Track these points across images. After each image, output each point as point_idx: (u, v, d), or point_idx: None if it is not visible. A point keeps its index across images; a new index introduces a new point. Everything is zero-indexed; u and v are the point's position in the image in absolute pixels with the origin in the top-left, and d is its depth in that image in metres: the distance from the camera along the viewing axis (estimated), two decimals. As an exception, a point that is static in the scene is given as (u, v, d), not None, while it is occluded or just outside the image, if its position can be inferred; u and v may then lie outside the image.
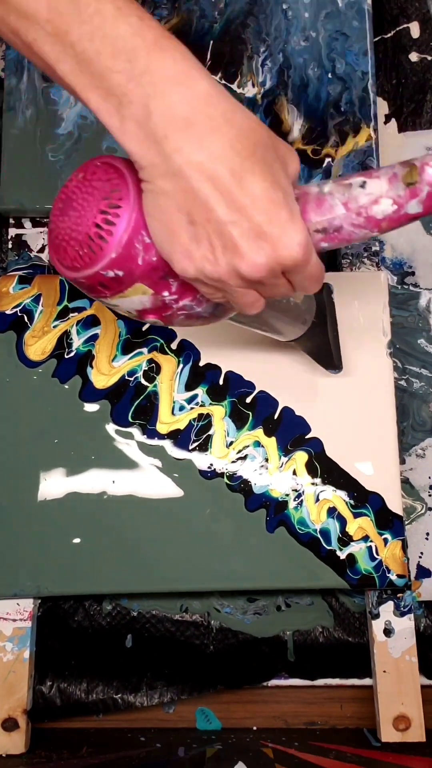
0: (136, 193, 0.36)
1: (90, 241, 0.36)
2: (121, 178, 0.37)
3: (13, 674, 0.56)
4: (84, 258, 0.37)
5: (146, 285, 0.38)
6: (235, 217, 0.35)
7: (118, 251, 0.36)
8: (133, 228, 0.36)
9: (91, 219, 0.36)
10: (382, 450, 0.58)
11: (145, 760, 0.52)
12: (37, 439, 0.58)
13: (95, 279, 0.37)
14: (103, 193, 0.37)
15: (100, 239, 0.36)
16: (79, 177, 0.38)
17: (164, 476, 0.58)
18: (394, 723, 0.56)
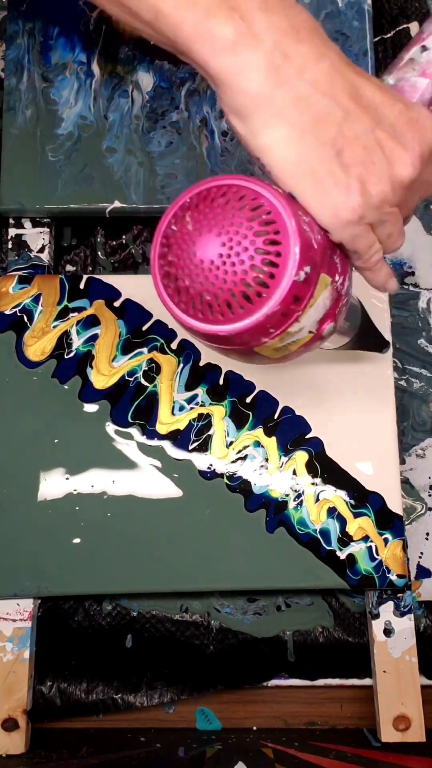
0: (272, 191, 0.33)
1: (264, 267, 0.32)
2: (242, 189, 0.33)
3: (13, 674, 0.56)
4: (270, 284, 0.32)
5: (326, 273, 0.34)
6: (374, 121, 0.34)
7: (298, 244, 0.32)
8: (294, 216, 0.33)
9: (251, 239, 0.32)
10: (382, 450, 0.58)
11: (145, 760, 0.52)
12: (37, 440, 0.58)
13: (289, 296, 0.33)
14: (244, 214, 0.32)
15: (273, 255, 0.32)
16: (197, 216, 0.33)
17: (164, 477, 0.58)
18: (394, 723, 0.56)
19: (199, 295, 0.33)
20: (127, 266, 0.69)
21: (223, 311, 0.33)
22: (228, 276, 0.32)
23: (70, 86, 0.64)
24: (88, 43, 0.65)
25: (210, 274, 0.33)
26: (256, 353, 0.36)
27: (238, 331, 0.33)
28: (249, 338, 0.34)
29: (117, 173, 0.63)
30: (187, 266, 0.33)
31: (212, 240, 0.33)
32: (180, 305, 0.34)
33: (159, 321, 0.60)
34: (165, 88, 0.65)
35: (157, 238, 0.35)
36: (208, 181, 0.34)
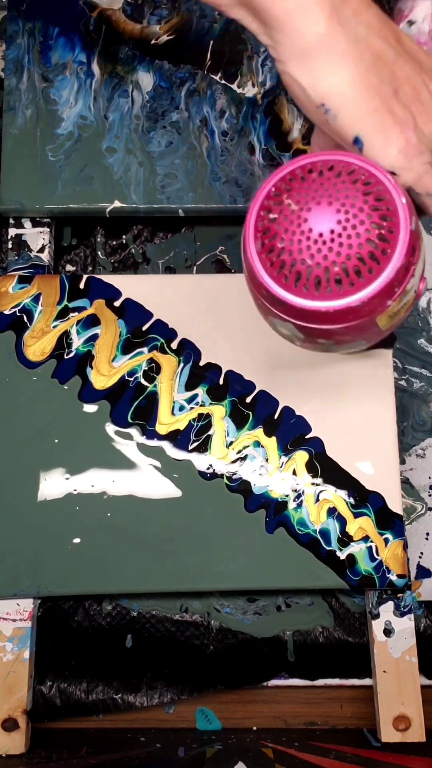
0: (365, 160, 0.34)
1: (375, 245, 0.33)
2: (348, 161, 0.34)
3: (13, 674, 0.57)
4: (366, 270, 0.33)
5: (421, 229, 0.35)
6: (418, 66, 0.37)
7: (401, 192, 0.33)
8: (395, 187, 0.34)
9: (368, 221, 0.33)
10: (382, 450, 0.58)
11: (145, 760, 0.52)
12: (37, 440, 0.58)
13: (408, 248, 0.33)
14: (359, 190, 0.33)
15: (384, 242, 0.32)
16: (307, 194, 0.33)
17: (164, 477, 0.58)
18: (394, 723, 0.56)
19: (308, 268, 0.33)
20: (127, 266, 0.69)
21: (331, 286, 0.33)
22: (343, 249, 0.32)
23: (70, 86, 0.64)
24: (88, 43, 0.65)
25: (324, 247, 0.33)
26: (373, 324, 0.35)
27: (371, 296, 0.33)
28: (377, 303, 0.34)
29: (117, 173, 0.63)
30: (296, 239, 0.33)
31: (328, 213, 0.33)
32: (280, 283, 0.34)
33: (159, 320, 0.60)
34: (165, 87, 0.65)
35: (254, 211, 0.35)
36: (314, 154, 0.35)
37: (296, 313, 0.35)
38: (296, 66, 0.36)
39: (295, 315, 0.35)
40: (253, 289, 0.36)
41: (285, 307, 0.35)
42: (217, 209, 0.63)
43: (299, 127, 0.64)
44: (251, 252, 0.34)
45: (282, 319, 0.36)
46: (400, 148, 0.36)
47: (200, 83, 0.65)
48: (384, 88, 0.36)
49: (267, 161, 0.63)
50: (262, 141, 0.63)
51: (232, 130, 0.64)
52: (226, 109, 0.64)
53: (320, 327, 0.35)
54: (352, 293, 0.33)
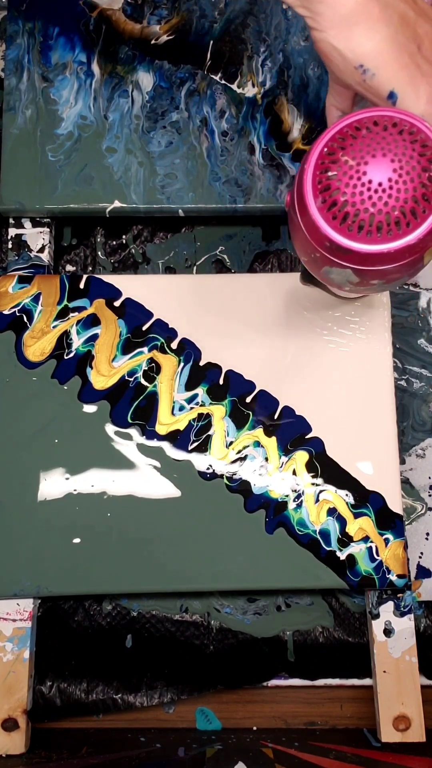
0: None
1: (426, 186, 0.36)
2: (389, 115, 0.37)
3: (13, 674, 0.57)
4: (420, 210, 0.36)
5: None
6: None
7: None
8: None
9: (418, 167, 0.36)
10: (382, 450, 0.58)
11: (145, 760, 0.52)
12: (37, 440, 0.58)
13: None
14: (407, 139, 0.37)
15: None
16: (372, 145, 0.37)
17: (164, 477, 0.58)
18: (394, 723, 0.56)
19: (371, 216, 0.37)
20: (127, 266, 0.69)
21: (392, 229, 0.37)
22: (401, 194, 0.36)
23: (70, 86, 0.64)
24: (88, 42, 0.65)
25: (384, 194, 0.37)
26: (421, 260, 0.39)
27: (426, 232, 0.37)
28: (429, 240, 0.37)
29: (117, 173, 0.63)
30: (358, 192, 0.37)
31: (384, 163, 0.37)
32: (344, 233, 0.37)
33: (159, 320, 0.60)
34: (165, 87, 0.65)
35: (309, 172, 0.38)
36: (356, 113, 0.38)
37: (358, 258, 0.38)
38: (336, 33, 0.40)
39: (356, 261, 0.38)
40: (312, 243, 0.39)
41: (348, 254, 0.38)
42: (217, 209, 0.63)
43: (299, 127, 0.64)
44: (313, 209, 0.38)
45: (341, 267, 0.39)
46: (429, 98, 0.40)
47: (200, 83, 0.65)
48: (410, 46, 0.40)
49: (267, 161, 0.63)
50: (262, 141, 0.64)
51: (232, 130, 0.64)
52: (226, 109, 0.64)
53: (378, 268, 0.39)
54: (409, 233, 0.37)
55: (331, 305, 0.61)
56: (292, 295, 0.61)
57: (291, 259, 0.69)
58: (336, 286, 0.42)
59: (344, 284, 0.41)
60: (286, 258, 0.68)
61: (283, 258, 0.68)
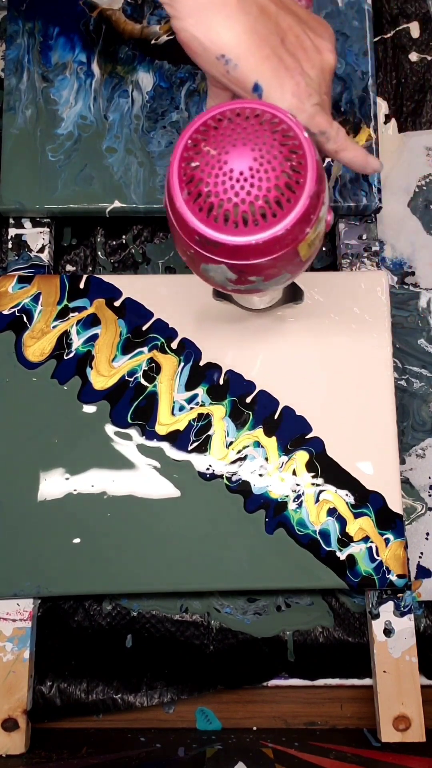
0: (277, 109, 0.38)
1: (289, 176, 0.36)
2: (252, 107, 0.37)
3: (13, 674, 0.56)
4: (285, 200, 0.36)
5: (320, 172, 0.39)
6: (296, 17, 0.42)
7: (308, 144, 0.37)
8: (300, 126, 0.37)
9: (281, 156, 0.36)
10: (382, 450, 0.58)
11: (145, 760, 0.52)
12: (37, 440, 0.58)
13: (317, 176, 0.37)
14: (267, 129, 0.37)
15: (296, 172, 0.36)
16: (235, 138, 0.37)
17: (164, 477, 0.58)
18: (394, 723, 0.56)
19: (234, 206, 0.36)
20: (127, 266, 0.69)
21: (257, 220, 0.36)
22: (263, 183, 0.36)
23: (70, 86, 0.64)
24: (88, 43, 0.65)
25: (246, 183, 0.36)
26: (296, 254, 0.38)
27: (293, 222, 0.36)
28: (298, 231, 0.37)
29: (117, 173, 0.63)
30: (220, 181, 0.36)
31: (245, 152, 0.36)
32: (211, 226, 0.37)
33: (159, 320, 0.60)
34: (165, 87, 0.65)
35: (176, 164, 0.38)
36: (219, 105, 0.38)
37: (228, 252, 0.37)
38: (194, 22, 0.40)
39: (227, 254, 0.38)
40: (184, 239, 0.39)
41: (218, 248, 0.37)
42: (217, 209, 0.63)
43: (299, 127, 0.64)
44: (179, 201, 0.37)
45: (215, 263, 0.39)
46: (293, 91, 0.41)
47: (200, 83, 0.65)
48: (272, 38, 0.41)
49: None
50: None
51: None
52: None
53: (251, 263, 0.38)
54: (276, 223, 0.36)
55: (331, 306, 0.61)
56: (292, 295, 0.61)
57: (291, 259, 0.68)
58: (218, 285, 0.42)
59: (225, 283, 0.41)
60: (286, 258, 0.68)
61: (283, 258, 0.68)
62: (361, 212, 0.64)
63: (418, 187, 0.69)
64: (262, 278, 0.40)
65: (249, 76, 0.41)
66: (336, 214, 0.64)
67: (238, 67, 0.41)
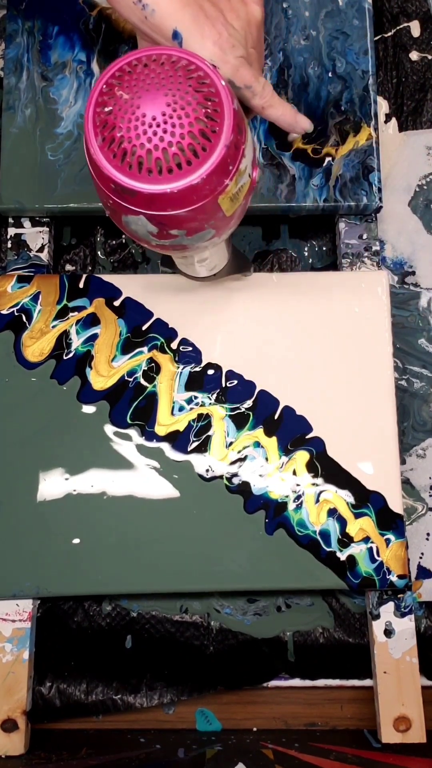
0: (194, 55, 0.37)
1: (205, 124, 0.35)
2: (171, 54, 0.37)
3: (13, 675, 0.56)
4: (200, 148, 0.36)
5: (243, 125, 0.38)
6: None
7: (226, 92, 0.36)
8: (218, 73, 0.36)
9: (194, 102, 0.35)
10: (382, 450, 0.58)
11: (145, 761, 0.52)
12: (37, 440, 0.58)
13: (234, 126, 0.36)
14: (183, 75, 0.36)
15: (212, 120, 0.35)
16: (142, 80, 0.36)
17: (163, 478, 0.57)
18: (394, 724, 0.56)
19: (148, 152, 0.35)
20: (126, 266, 0.68)
21: (171, 167, 0.36)
22: (176, 129, 0.35)
23: (70, 85, 0.64)
24: (88, 41, 0.65)
25: (158, 129, 0.35)
26: (217, 208, 0.38)
27: (209, 171, 0.36)
28: (216, 182, 0.36)
29: (117, 172, 0.63)
30: (132, 126, 0.36)
31: (158, 97, 0.36)
32: (125, 173, 0.36)
33: (159, 320, 0.60)
34: (165, 87, 0.64)
35: (90, 107, 0.37)
36: (138, 51, 0.38)
37: (145, 201, 0.37)
38: None
39: (144, 204, 0.37)
40: (102, 188, 0.38)
41: (134, 196, 0.37)
42: (217, 209, 0.63)
43: (299, 127, 0.64)
44: (94, 148, 0.37)
45: (134, 213, 0.38)
46: (214, 41, 0.40)
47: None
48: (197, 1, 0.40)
49: (267, 160, 0.63)
50: (262, 140, 0.63)
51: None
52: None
53: (169, 214, 0.37)
54: (191, 172, 0.36)
55: (332, 305, 0.61)
56: (292, 295, 0.61)
57: (291, 258, 0.68)
58: (142, 240, 0.41)
59: (148, 237, 0.40)
60: (286, 257, 0.68)
61: (283, 257, 0.68)
62: (361, 211, 0.63)
63: (418, 187, 0.69)
64: (184, 232, 0.39)
65: (167, 23, 0.40)
66: (336, 213, 0.64)
67: (155, 13, 0.40)
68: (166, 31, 0.41)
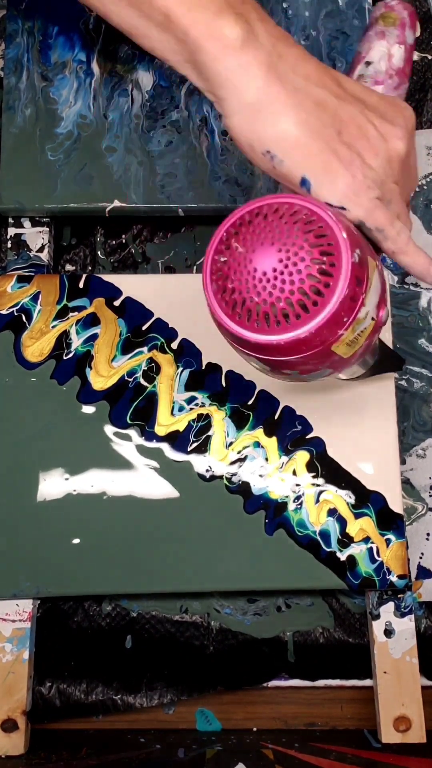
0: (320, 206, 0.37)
1: (317, 277, 0.35)
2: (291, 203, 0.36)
3: (13, 675, 0.56)
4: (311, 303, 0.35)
5: (370, 256, 0.37)
6: (361, 106, 0.40)
7: (341, 228, 0.36)
8: (336, 214, 0.36)
9: (308, 257, 0.35)
10: (382, 450, 0.58)
11: (145, 761, 0.52)
12: (36, 441, 0.58)
13: (352, 280, 0.35)
14: (300, 229, 0.36)
15: (326, 275, 0.35)
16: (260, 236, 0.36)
17: (163, 478, 0.57)
18: (394, 724, 0.56)
19: (256, 305, 0.36)
20: (126, 266, 0.68)
21: (279, 320, 0.36)
22: (286, 285, 0.35)
23: (70, 85, 0.64)
24: (88, 41, 0.65)
25: (268, 284, 0.36)
26: (331, 353, 0.37)
27: (318, 327, 0.35)
28: (327, 333, 0.36)
29: (117, 172, 0.63)
30: (244, 279, 0.36)
31: (271, 252, 0.36)
32: (235, 321, 0.37)
33: (159, 320, 0.60)
34: (165, 87, 0.65)
35: (209, 255, 0.38)
36: (260, 199, 0.37)
37: (253, 347, 0.37)
38: (240, 120, 0.39)
39: (253, 349, 0.38)
40: (218, 328, 0.39)
41: (243, 342, 0.37)
42: (217, 209, 0.63)
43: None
44: (209, 293, 0.38)
45: (245, 354, 0.39)
46: (347, 184, 0.38)
47: (200, 82, 0.64)
48: (327, 131, 0.38)
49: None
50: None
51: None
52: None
53: (278, 359, 0.38)
54: (300, 326, 0.35)
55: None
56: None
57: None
58: (260, 371, 0.41)
59: (264, 371, 0.40)
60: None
61: (284, 258, 0.68)
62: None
63: (418, 186, 0.69)
64: (297, 372, 0.39)
65: (295, 172, 0.38)
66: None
67: (284, 163, 0.38)
68: (294, 180, 0.39)
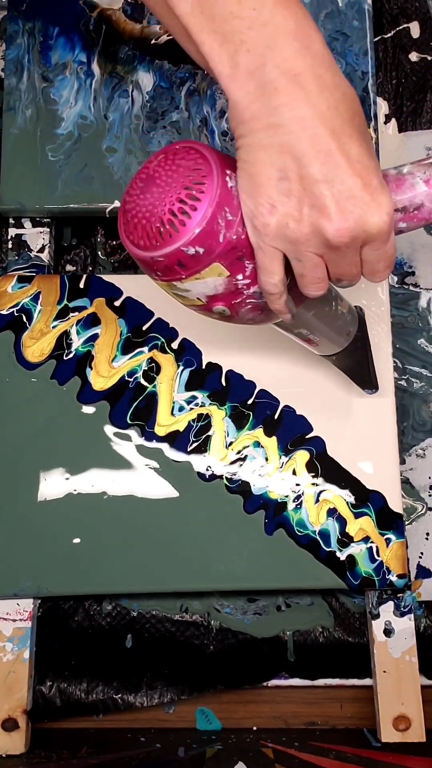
0: (220, 170, 0.36)
1: (173, 217, 0.36)
2: (203, 157, 0.37)
3: (13, 674, 0.56)
4: (165, 235, 0.37)
5: (223, 265, 0.38)
6: (328, 177, 0.35)
7: (202, 226, 0.36)
8: (217, 204, 0.36)
9: (175, 195, 0.36)
10: (382, 450, 0.58)
11: (145, 760, 0.52)
12: (37, 441, 0.58)
13: (175, 257, 0.37)
14: (187, 171, 0.37)
15: (183, 215, 0.36)
16: (160, 158, 0.38)
17: (163, 478, 0.58)
18: (394, 723, 0.56)
19: (141, 223, 0.38)
20: (126, 266, 0.69)
21: (156, 238, 0.37)
22: (160, 206, 0.37)
23: (70, 86, 0.64)
24: (88, 42, 0.65)
25: (147, 202, 0.37)
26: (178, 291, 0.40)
27: (153, 257, 0.37)
28: (164, 271, 0.38)
29: (117, 173, 0.63)
30: (136, 203, 0.38)
31: (154, 182, 0.37)
32: (130, 236, 0.38)
33: (160, 320, 0.60)
34: (165, 87, 0.65)
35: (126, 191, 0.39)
36: (181, 141, 0.38)
37: (143, 263, 0.39)
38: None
39: (145, 266, 0.39)
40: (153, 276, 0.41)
41: (139, 260, 0.39)
42: (217, 209, 0.63)
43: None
44: (120, 224, 0.39)
45: (153, 279, 0.41)
46: (253, 216, 0.37)
47: (200, 83, 0.65)
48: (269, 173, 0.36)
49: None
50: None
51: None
52: (226, 109, 0.64)
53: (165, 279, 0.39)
54: (164, 246, 0.37)
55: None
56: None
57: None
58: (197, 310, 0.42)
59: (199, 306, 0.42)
60: (286, 258, 0.68)
61: (283, 258, 0.68)
62: (361, 212, 0.64)
63: (418, 187, 0.69)
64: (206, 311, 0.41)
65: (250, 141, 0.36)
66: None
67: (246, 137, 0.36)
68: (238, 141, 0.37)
